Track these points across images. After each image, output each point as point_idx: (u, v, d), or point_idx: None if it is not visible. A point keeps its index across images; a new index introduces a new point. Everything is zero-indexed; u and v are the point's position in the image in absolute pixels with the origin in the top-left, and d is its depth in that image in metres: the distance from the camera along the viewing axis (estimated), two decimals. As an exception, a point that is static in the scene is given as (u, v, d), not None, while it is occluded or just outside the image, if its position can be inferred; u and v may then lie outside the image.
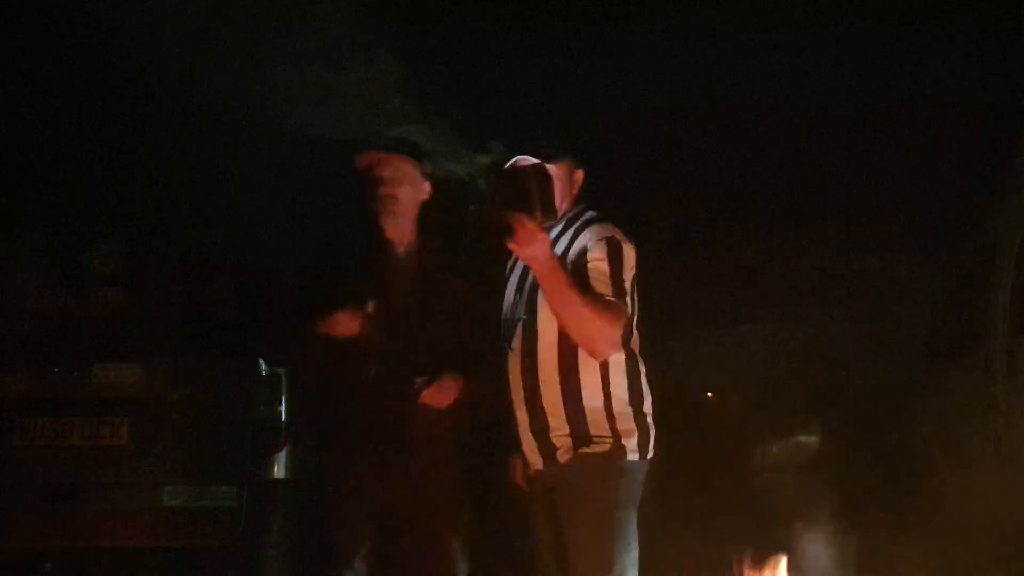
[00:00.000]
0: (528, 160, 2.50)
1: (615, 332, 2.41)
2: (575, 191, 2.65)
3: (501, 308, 2.67)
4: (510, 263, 2.76)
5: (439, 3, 4.48)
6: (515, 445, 2.62)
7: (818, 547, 3.98)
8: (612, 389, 2.52)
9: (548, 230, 2.35)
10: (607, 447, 2.50)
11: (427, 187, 2.82)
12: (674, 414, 4.48)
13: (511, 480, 2.70)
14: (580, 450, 2.50)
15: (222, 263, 3.99)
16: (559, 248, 2.49)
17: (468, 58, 4.57)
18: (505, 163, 2.53)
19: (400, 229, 2.75)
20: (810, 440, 4.43)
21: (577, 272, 2.43)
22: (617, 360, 2.52)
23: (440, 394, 2.64)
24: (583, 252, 2.46)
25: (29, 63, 4.41)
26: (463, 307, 2.75)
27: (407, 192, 2.74)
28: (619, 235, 2.50)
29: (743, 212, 4.90)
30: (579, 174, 2.65)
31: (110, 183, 4.43)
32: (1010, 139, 4.44)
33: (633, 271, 2.48)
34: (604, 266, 2.43)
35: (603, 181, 2.77)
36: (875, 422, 4.39)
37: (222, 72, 4.09)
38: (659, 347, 2.72)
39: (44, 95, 4.45)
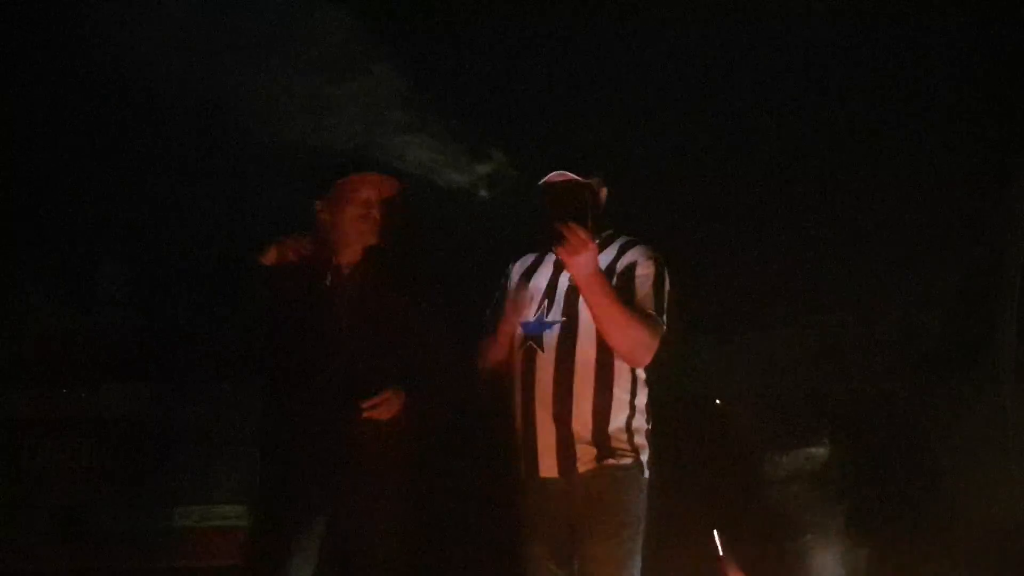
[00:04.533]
0: (566, 175, 2.58)
1: (653, 342, 2.52)
2: (600, 208, 2.71)
3: (524, 306, 2.66)
4: (519, 267, 2.80)
5: (439, 13, 4.45)
6: (522, 450, 2.60)
7: (825, 557, 3.99)
8: (636, 402, 2.60)
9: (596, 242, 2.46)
10: (629, 462, 2.56)
11: (398, 210, 2.82)
12: (681, 423, 4.49)
13: (503, 485, 2.70)
14: (604, 462, 2.53)
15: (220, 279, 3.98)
16: (602, 261, 2.58)
17: (468, 68, 4.55)
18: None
19: (355, 247, 2.75)
20: (817, 450, 4.43)
21: (624, 284, 2.57)
22: (641, 376, 2.62)
23: (383, 410, 2.59)
24: (632, 266, 2.61)
25: (30, 72, 4.36)
26: (409, 324, 2.72)
27: (385, 213, 2.76)
28: (662, 258, 2.65)
29: (748, 219, 4.87)
30: (603, 192, 2.72)
31: (107, 197, 4.38)
32: (1017, 144, 4.42)
33: (669, 292, 2.63)
34: (650, 282, 2.58)
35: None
36: (883, 431, 4.39)
37: (223, 83, 4.08)
38: (666, 355, 2.74)
39: (42, 102, 4.41)
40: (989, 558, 3.79)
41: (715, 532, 3.83)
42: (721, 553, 3.70)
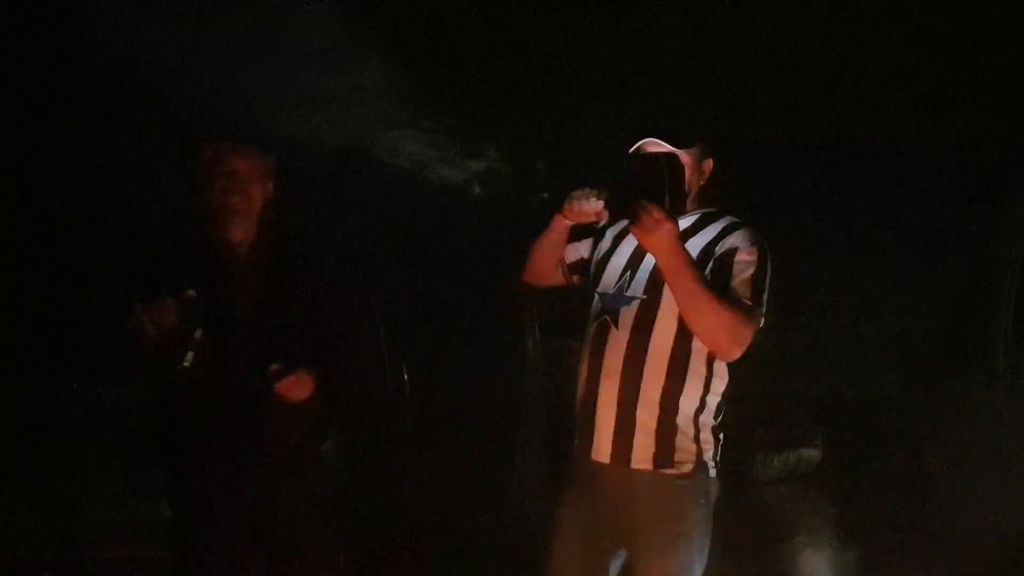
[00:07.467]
0: (659, 144, 2.42)
1: (745, 333, 2.28)
2: (703, 182, 2.53)
3: (599, 277, 2.54)
4: (613, 229, 2.63)
5: (434, 8, 4.45)
6: (579, 427, 2.48)
7: (818, 561, 3.97)
8: (708, 397, 2.41)
9: (677, 219, 2.24)
10: (690, 467, 2.39)
11: (271, 185, 2.58)
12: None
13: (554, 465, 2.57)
14: (662, 470, 2.38)
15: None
16: (698, 241, 2.41)
17: (462, 63, 4.55)
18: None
19: (247, 227, 2.51)
20: (809, 451, 4.41)
21: (720, 269, 2.35)
22: (720, 368, 2.43)
23: (297, 386, 2.39)
24: (732, 251, 2.38)
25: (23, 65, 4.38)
26: (317, 303, 2.54)
27: (257, 189, 2.52)
28: (767, 245, 2.41)
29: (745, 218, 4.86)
30: (708, 164, 2.53)
31: (101, 193, 4.39)
32: (1015, 149, 4.41)
33: (770, 283, 2.40)
34: (751, 269, 2.35)
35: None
36: (877, 434, 4.37)
37: (216, 78, 4.09)
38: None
39: (37, 100, 4.42)
40: (982, 562, 3.77)
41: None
42: None
